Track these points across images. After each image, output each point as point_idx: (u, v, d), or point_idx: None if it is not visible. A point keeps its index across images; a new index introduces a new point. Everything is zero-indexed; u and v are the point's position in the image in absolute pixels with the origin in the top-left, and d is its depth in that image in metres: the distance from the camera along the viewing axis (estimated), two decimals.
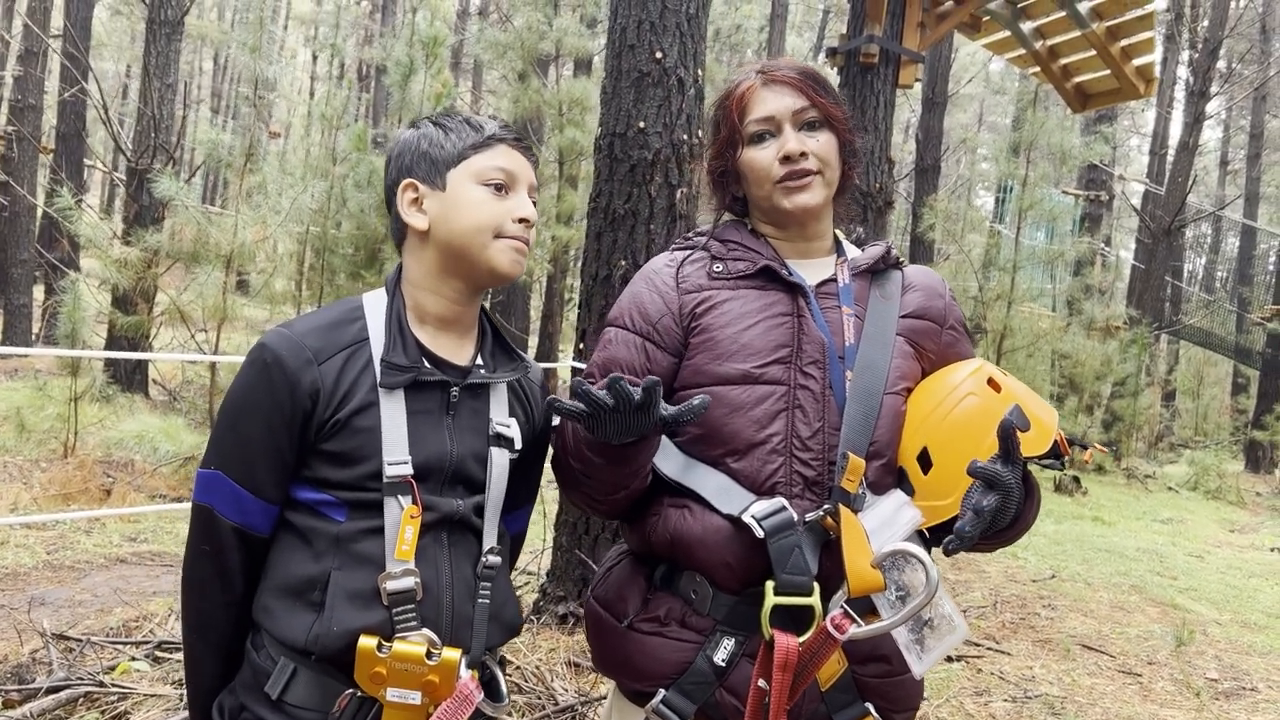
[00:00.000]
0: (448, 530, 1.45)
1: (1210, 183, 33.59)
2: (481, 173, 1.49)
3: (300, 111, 28.97)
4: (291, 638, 1.37)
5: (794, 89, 1.58)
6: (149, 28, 10.48)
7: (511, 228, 1.49)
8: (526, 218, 1.50)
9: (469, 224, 1.48)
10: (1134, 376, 15.73)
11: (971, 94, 34.57)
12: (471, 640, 1.44)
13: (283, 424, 1.40)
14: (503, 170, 1.50)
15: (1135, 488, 13.71)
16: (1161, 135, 21.80)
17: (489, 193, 1.49)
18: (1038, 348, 12.85)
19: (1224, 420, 23.36)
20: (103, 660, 3.65)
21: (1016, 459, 1.33)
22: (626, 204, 4.24)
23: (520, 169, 1.52)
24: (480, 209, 1.48)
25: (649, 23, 4.25)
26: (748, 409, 1.49)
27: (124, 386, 9.47)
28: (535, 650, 3.97)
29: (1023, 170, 12.64)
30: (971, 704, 4.23)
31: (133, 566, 5.28)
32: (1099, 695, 4.50)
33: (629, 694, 1.56)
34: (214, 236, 6.68)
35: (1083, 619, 5.87)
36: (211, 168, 19.75)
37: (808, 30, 30.72)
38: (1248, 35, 25.50)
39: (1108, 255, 19.65)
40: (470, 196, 1.48)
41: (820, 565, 1.44)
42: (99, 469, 6.73)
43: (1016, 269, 12.86)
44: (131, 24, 26.11)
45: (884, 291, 1.61)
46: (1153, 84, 7.41)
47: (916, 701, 1.56)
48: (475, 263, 1.49)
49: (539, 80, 13.35)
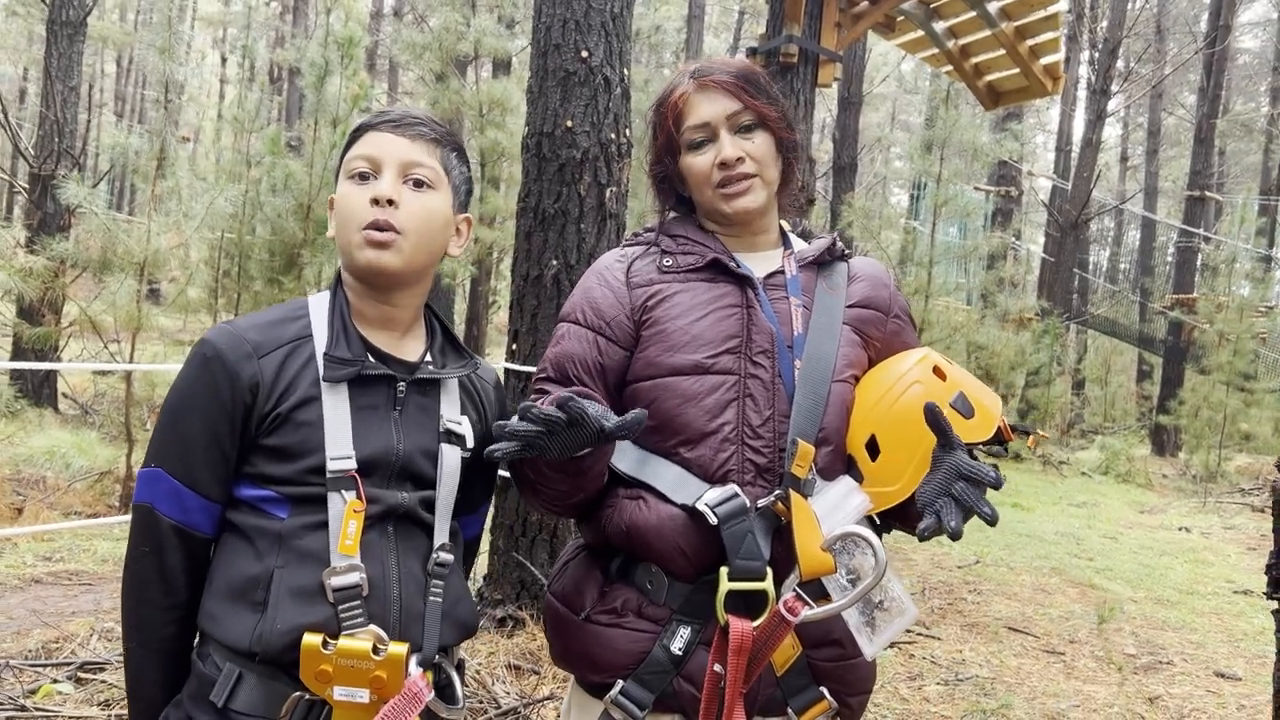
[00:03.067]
0: (394, 524, 1.43)
1: (1112, 178, 34.82)
2: (348, 167, 1.47)
3: (211, 115, 28.16)
4: (235, 640, 1.34)
5: (726, 92, 1.59)
6: (49, 29, 10.08)
7: (366, 214, 1.42)
8: (377, 196, 1.41)
9: (338, 222, 1.47)
10: (1046, 366, 16.24)
11: (885, 94, 35.28)
12: (423, 638, 1.41)
13: (223, 418, 1.38)
14: (364, 157, 1.45)
15: (1050, 473, 14.15)
16: (1066, 132, 22.56)
17: (352, 184, 1.45)
18: (955, 340, 13.16)
19: (1131, 406, 24.24)
20: (23, 684, 3.50)
21: (953, 443, 1.37)
22: (556, 203, 4.23)
23: (386, 149, 1.45)
24: (342, 205, 1.46)
25: (574, 21, 4.24)
26: (700, 399, 1.51)
27: (33, 401, 9.09)
28: (475, 655, 3.94)
29: (936, 167, 12.95)
30: (906, 689, 4.32)
31: (49, 587, 5.07)
32: (1026, 674, 4.64)
33: (588, 687, 1.56)
34: (125, 244, 6.46)
35: (1007, 602, 6.04)
36: (119, 173, 19.12)
37: (724, 31, 31.02)
38: (1144, 35, 26.54)
39: (1019, 249, 20.26)
40: (340, 194, 1.47)
41: (772, 550, 1.46)
42: (9, 486, 6.45)
43: (933, 264, 13.17)
44: (29, 25, 25.07)
45: (830, 283, 1.64)
46: (1059, 82, 7.66)
47: (869, 685, 1.59)
48: (348, 261, 1.47)
49: (458, 81, 13.24)
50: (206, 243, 8.74)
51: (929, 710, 4.09)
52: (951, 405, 1.43)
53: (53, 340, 7.64)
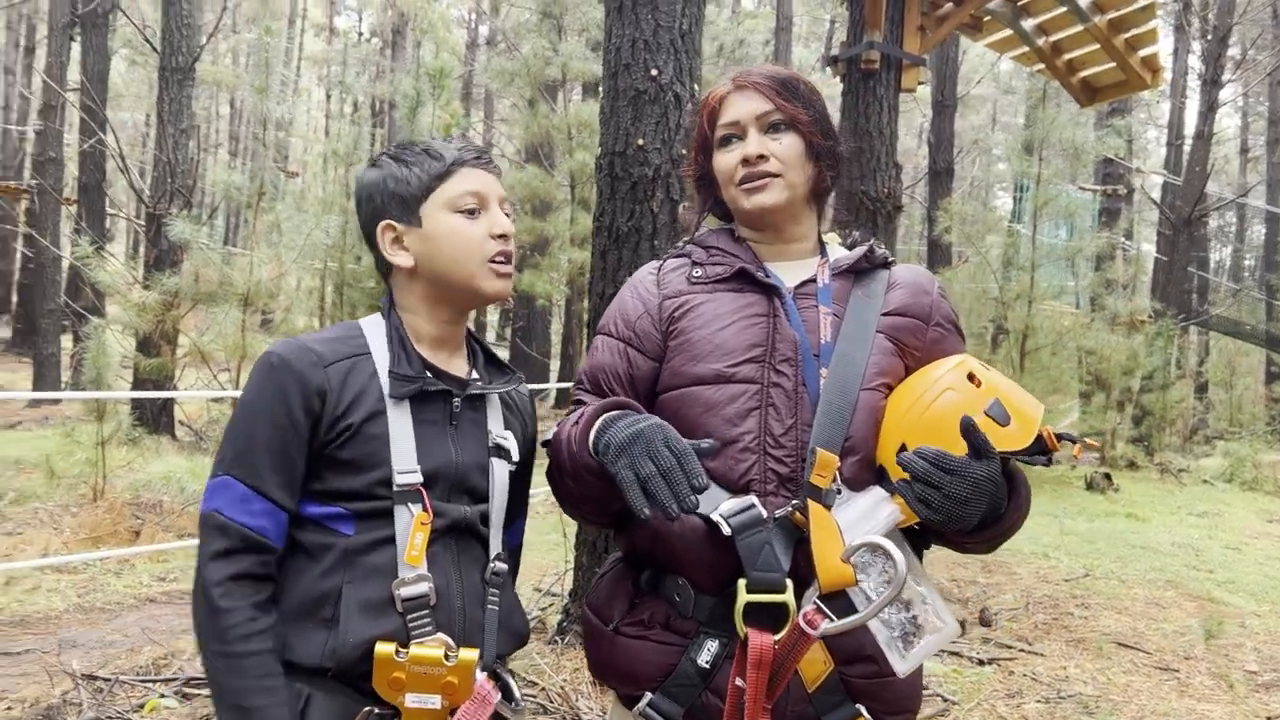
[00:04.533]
0: (455, 537, 1.47)
1: (1231, 171, 33.21)
2: (452, 201, 1.53)
3: (316, 150, 29.30)
4: (306, 658, 1.37)
5: (759, 93, 1.61)
6: (161, 75, 10.66)
7: (491, 248, 1.53)
8: (504, 232, 1.54)
9: (452, 255, 1.52)
10: (1161, 370, 15.51)
11: (984, 95, 34.45)
12: (483, 645, 1.45)
13: (290, 424, 1.40)
14: (472, 194, 1.54)
15: (1169, 482, 13.50)
16: (1177, 126, 21.60)
17: (464, 219, 1.53)
18: (1062, 345, 12.72)
19: (1259, 410, 22.92)
20: (132, 699, 3.68)
21: (988, 454, 1.32)
22: (629, 221, 4.26)
23: (487, 186, 1.56)
24: (458, 238, 1.52)
25: (643, 41, 4.27)
26: (721, 407, 1.50)
27: (150, 429, 9.57)
28: (560, 670, 3.97)
29: (1036, 168, 12.57)
30: (1004, 707, 4.18)
31: (162, 606, 5.33)
32: (1134, 693, 4.43)
33: (622, 698, 1.57)
34: (228, 276, 6.76)
35: (1117, 616, 5.79)
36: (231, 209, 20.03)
37: (814, 41, 30.72)
38: (1259, 20, 25.27)
39: (1129, 249, 19.45)
40: (447, 227, 1.52)
41: (795, 562, 1.43)
42: (128, 511, 6.79)
43: (1035, 267, 12.77)
44: (148, 73, 26.50)
45: (867, 291, 1.61)
46: (1159, 74, 7.37)
47: (912, 704, 1.54)
48: (463, 290, 1.54)
49: (547, 105, 13.46)
50: (313, 272, 9.08)
51: None
52: (986, 413, 1.38)
53: (168, 370, 8.04)
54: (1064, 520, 9.26)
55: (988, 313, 13.64)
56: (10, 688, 3.92)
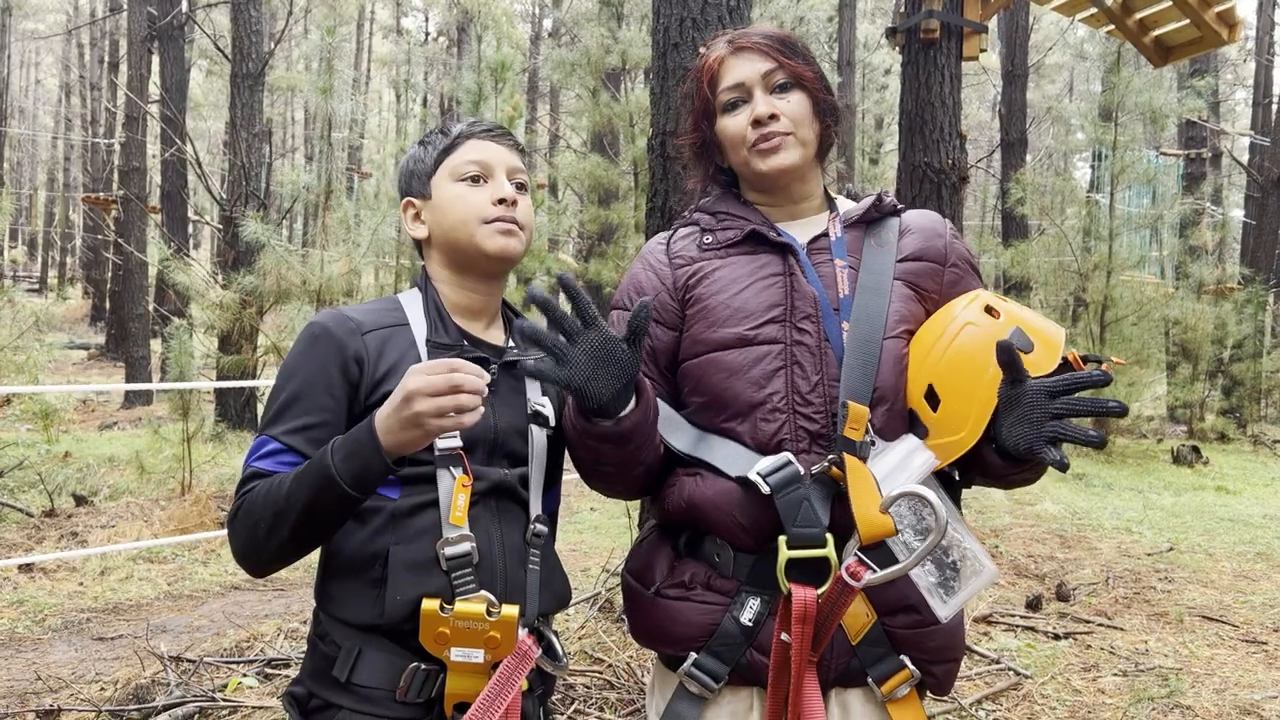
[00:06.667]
0: (496, 500, 1.52)
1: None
2: (455, 170, 1.61)
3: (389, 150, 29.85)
4: (356, 615, 1.44)
5: (761, 53, 1.60)
6: (232, 82, 10.99)
7: (492, 211, 1.58)
8: (504, 197, 1.58)
9: (454, 219, 1.59)
10: (1252, 338, 14.94)
11: (1060, 63, 33.48)
12: (525, 603, 1.49)
13: (331, 389, 1.47)
14: (474, 162, 1.60)
15: (1263, 454, 13.00)
16: (1264, 84, 20.69)
17: (466, 185, 1.59)
18: (1144, 314, 12.31)
19: None
20: (216, 679, 3.83)
21: (1023, 377, 1.32)
22: (682, 201, 4.26)
23: (493, 156, 1.62)
24: (460, 203, 1.59)
25: (690, 19, 4.26)
26: (745, 370, 1.50)
27: (233, 425, 9.90)
28: (626, 648, 4.01)
29: (1112, 134, 12.18)
30: (1079, 680, 4.09)
31: (246, 592, 5.52)
32: (1218, 665, 4.30)
33: (665, 660, 1.58)
34: (300, 273, 6.94)
35: (1203, 590, 5.61)
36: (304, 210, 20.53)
37: (880, 16, 30.13)
38: None
39: (1215, 214, 18.73)
40: (451, 194, 1.60)
41: (833, 516, 1.44)
42: (213, 503, 7.05)
43: (1114, 236, 12.38)
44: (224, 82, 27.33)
45: (879, 239, 1.60)
46: (1236, 29, 7.07)
47: (955, 653, 1.53)
48: (468, 251, 1.59)
49: (609, 94, 13.48)
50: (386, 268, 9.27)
51: (1103, 702, 3.86)
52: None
53: (247, 366, 8.30)
54: (1149, 495, 9.01)
55: (1067, 285, 13.28)
56: (105, 670, 4.12)
